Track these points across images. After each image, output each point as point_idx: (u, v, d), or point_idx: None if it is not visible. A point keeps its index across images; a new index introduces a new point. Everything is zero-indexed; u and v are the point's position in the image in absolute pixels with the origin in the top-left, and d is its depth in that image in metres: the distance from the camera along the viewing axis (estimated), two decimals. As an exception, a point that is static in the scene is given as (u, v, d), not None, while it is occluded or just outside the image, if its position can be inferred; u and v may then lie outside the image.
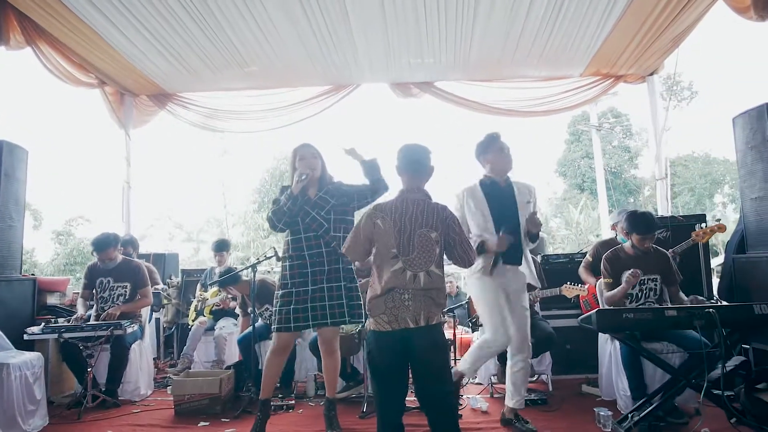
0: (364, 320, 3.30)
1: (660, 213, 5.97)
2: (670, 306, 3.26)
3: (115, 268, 4.41)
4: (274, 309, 3.20)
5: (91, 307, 4.38)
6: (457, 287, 7.33)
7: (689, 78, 24.79)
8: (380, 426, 2.50)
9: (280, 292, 3.18)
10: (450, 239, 2.55)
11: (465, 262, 2.61)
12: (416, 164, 2.60)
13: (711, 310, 2.87)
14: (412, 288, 2.45)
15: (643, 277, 3.58)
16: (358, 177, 3.29)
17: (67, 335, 3.84)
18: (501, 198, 3.27)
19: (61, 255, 21.20)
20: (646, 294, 3.63)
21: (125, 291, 4.38)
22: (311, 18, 4.74)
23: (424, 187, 2.62)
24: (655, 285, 3.64)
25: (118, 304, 4.31)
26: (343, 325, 3.92)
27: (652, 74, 6.14)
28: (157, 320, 5.51)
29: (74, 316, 4.20)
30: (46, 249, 22.44)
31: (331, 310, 3.11)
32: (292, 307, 3.11)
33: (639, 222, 3.60)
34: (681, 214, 4.82)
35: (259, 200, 22.12)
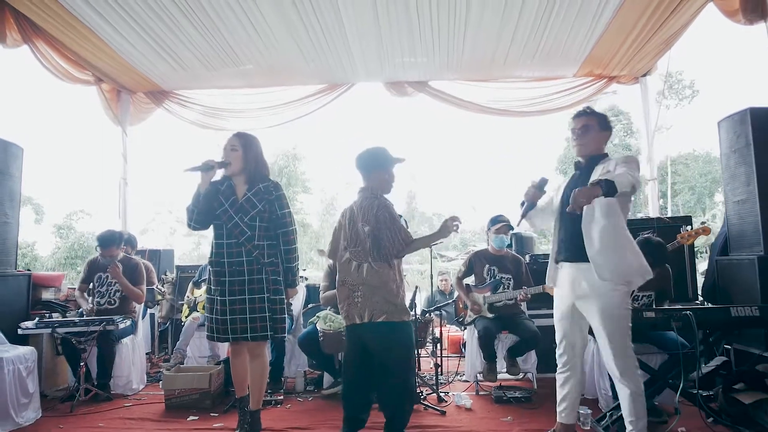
0: (286, 335, 3.12)
1: (650, 213, 6.03)
2: (648, 308, 3.31)
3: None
4: (205, 315, 3.09)
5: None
6: (452, 285, 7.35)
7: (691, 76, 24.73)
8: (344, 417, 2.80)
9: (207, 297, 3.05)
10: (378, 231, 2.76)
11: (389, 256, 2.77)
12: (362, 168, 2.96)
13: (688, 312, 2.94)
14: (361, 283, 2.75)
15: (637, 294, 3.59)
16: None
17: (60, 330, 3.92)
18: (577, 180, 2.81)
19: (62, 248, 21.31)
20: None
21: (120, 288, 4.45)
22: (304, 18, 4.78)
23: (373, 185, 2.92)
24: (649, 300, 3.66)
25: (113, 300, 4.40)
26: (331, 323, 4.01)
27: (645, 75, 6.18)
28: (152, 315, 5.58)
29: (81, 310, 4.29)
30: (47, 243, 22.58)
31: (252, 323, 2.92)
32: (213, 317, 2.98)
33: (648, 254, 3.20)
34: (681, 212, 4.87)
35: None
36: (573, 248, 2.74)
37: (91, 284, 4.49)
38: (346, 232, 2.88)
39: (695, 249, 4.46)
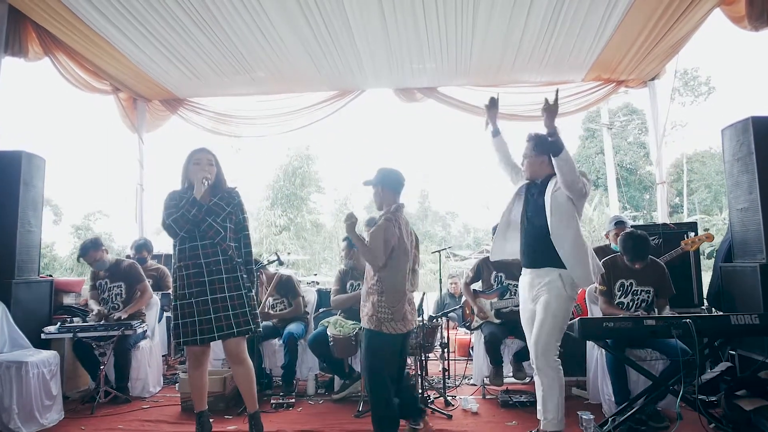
0: (260, 328, 3.24)
1: (660, 217, 6.04)
2: (649, 315, 3.37)
3: (109, 269, 4.62)
4: (174, 321, 3.10)
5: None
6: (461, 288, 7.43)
7: (707, 73, 24.45)
8: (392, 417, 3.13)
9: (179, 303, 3.08)
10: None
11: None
12: (402, 185, 3.22)
13: (688, 320, 2.99)
14: (411, 291, 3.13)
15: (636, 288, 3.71)
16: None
17: (81, 335, 4.08)
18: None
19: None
20: (637, 304, 3.71)
21: (120, 291, 4.57)
22: (314, 26, 4.87)
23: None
24: (648, 296, 3.72)
25: (117, 304, 4.52)
26: (341, 328, 4.13)
27: (653, 79, 6.19)
28: (168, 319, 5.73)
29: (93, 313, 4.40)
30: (65, 243, 23.02)
31: (235, 319, 3.06)
32: (196, 318, 3.03)
33: (629, 248, 3.60)
34: (698, 210, 4.90)
35: (272, 196, 22.38)
36: (532, 256, 3.14)
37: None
38: (406, 244, 3.13)
39: (700, 254, 4.48)
